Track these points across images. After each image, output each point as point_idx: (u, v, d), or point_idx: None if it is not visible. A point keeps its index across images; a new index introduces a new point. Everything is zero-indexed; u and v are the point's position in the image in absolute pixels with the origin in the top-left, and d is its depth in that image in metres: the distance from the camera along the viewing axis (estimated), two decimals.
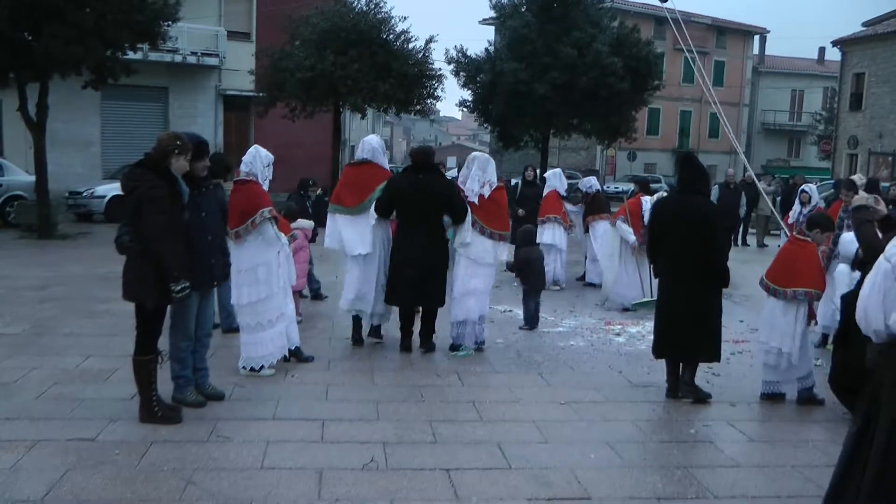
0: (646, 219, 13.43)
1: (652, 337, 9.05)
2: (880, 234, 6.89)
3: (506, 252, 10.56)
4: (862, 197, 6.96)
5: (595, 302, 14.33)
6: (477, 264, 10.20)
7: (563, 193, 16.35)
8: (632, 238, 13.74)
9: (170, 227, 6.98)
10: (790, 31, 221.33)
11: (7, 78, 21.93)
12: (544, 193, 16.25)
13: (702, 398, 8.67)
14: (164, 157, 7.05)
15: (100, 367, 9.14)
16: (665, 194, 12.18)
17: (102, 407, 7.70)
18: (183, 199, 7.23)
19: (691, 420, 8.06)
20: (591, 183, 16.56)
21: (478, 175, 10.19)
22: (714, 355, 8.80)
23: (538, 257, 12.61)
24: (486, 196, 10.16)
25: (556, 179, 16.36)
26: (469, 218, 10.06)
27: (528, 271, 12.21)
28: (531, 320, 12.19)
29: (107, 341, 10.29)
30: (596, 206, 16.14)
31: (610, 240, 14.30)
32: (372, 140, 10.57)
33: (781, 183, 29.95)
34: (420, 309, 10.54)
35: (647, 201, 13.63)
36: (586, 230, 16.27)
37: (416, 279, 10.09)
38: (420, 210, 10.06)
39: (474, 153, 10.66)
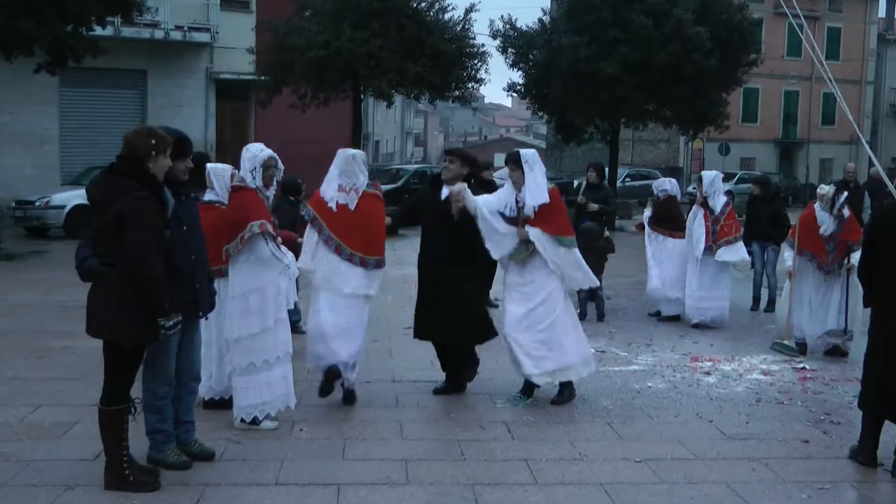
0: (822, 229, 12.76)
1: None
2: None
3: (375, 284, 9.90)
4: None
5: (712, 339, 14.20)
6: (338, 296, 9.67)
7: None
8: (789, 263, 13.22)
9: (158, 247, 6.98)
10: None
11: None
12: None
13: None
14: (139, 160, 6.99)
15: (53, 419, 9.09)
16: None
17: (56, 470, 7.65)
18: (167, 213, 7.18)
19: (803, 482, 7.89)
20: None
21: (337, 176, 9.71)
22: None
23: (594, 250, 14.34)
24: (352, 206, 9.61)
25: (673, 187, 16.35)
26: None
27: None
28: (597, 310, 15.19)
29: (63, 387, 10.29)
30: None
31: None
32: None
33: None
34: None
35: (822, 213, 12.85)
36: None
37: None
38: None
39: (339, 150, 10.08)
